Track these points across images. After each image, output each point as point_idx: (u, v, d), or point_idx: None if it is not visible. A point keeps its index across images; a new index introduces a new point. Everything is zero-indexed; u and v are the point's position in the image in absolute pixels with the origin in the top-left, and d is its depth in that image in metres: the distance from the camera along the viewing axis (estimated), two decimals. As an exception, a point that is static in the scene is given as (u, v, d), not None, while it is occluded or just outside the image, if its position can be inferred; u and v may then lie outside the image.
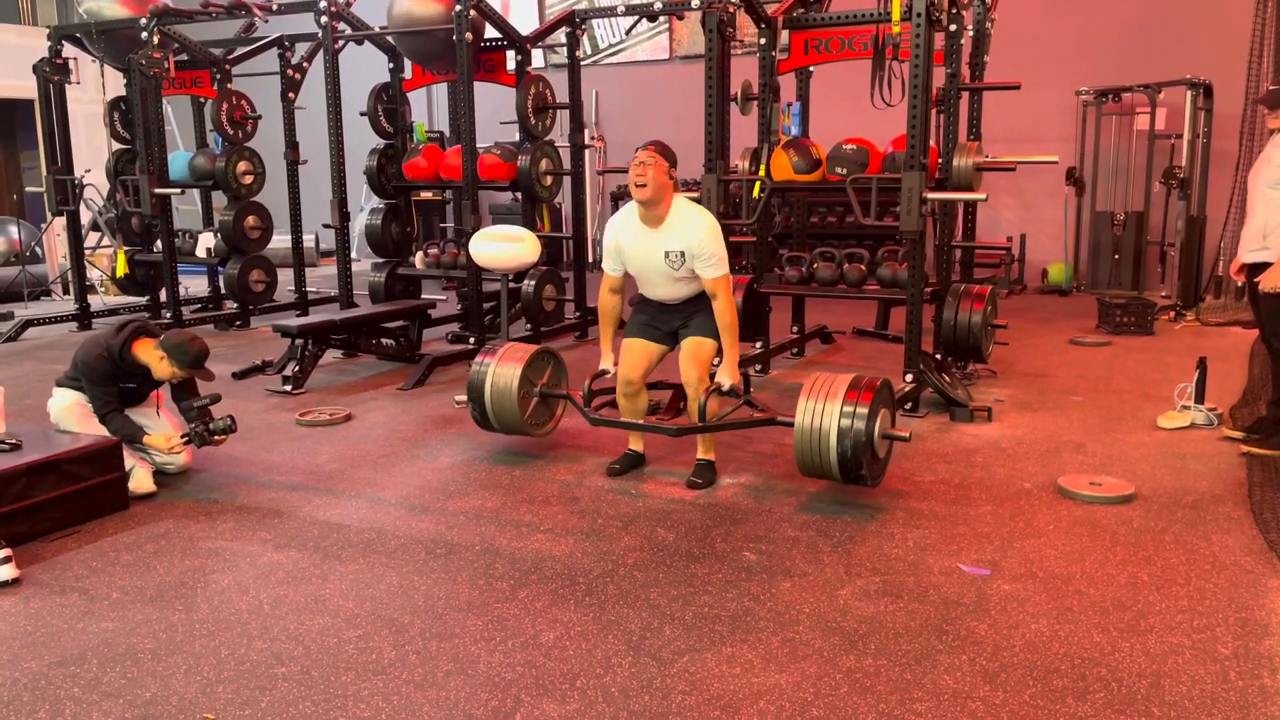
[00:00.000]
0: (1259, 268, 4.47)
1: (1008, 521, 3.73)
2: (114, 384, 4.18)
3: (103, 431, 4.09)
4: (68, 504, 3.73)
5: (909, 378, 5.27)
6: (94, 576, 3.32)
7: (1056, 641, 2.80)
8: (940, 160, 5.62)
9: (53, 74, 8.10)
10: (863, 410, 3.71)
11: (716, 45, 5.36)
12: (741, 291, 6.11)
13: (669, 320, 4.26)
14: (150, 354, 4.16)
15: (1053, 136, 9.94)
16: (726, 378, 4.08)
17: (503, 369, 4.50)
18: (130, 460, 4.05)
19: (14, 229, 10.56)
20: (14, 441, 3.79)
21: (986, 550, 3.47)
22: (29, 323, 8.12)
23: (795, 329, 6.87)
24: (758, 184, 5.67)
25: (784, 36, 5.86)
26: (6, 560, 3.26)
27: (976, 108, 6.27)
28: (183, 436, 4.18)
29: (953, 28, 5.48)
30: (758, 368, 6.29)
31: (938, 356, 5.71)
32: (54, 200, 8.24)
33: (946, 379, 5.46)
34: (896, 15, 4.89)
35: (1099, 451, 4.61)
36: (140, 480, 4.07)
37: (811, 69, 6.42)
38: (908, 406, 5.17)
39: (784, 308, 6.82)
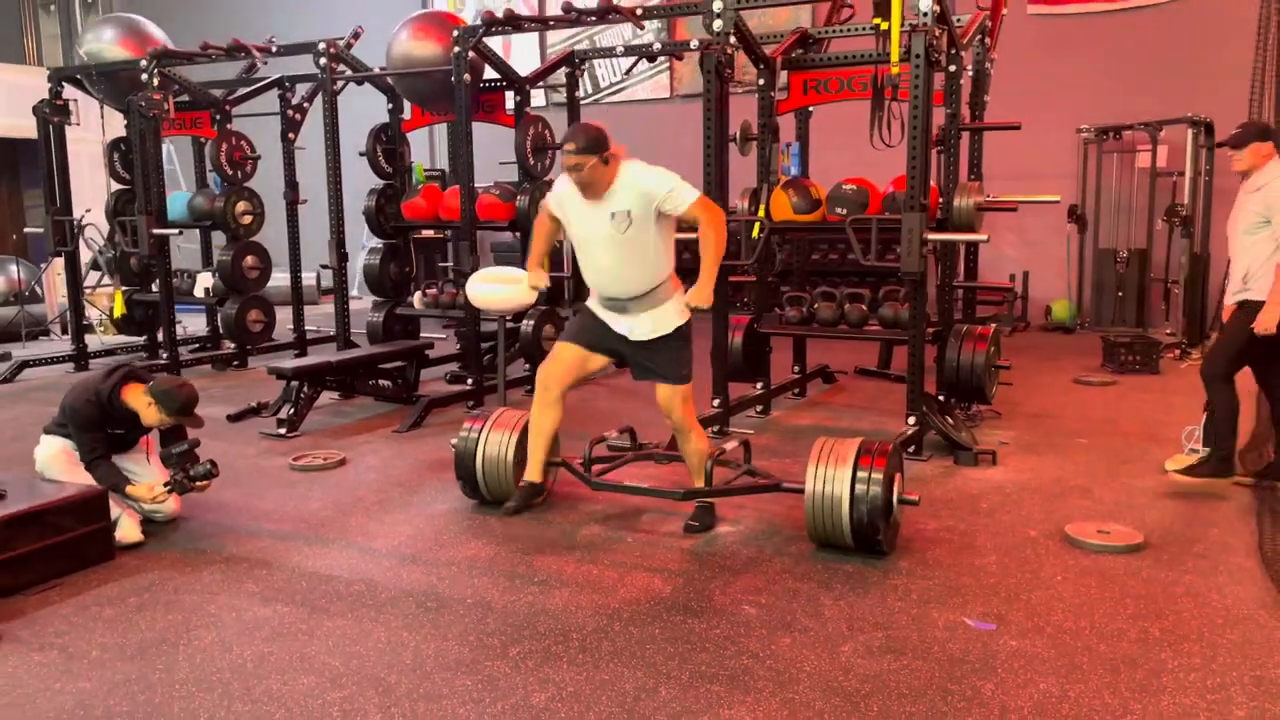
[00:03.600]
0: (1247, 306, 4.43)
1: (1014, 572, 3.64)
2: (101, 430, 4.11)
3: (89, 479, 4.02)
4: (52, 555, 3.65)
5: (912, 420, 5.18)
6: (74, 633, 3.23)
7: (1066, 703, 2.70)
8: (941, 200, 5.58)
9: (53, 115, 8.12)
10: (877, 476, 3.64)
11: (715, 86, 5.34)
12: (741, 332, 6.06)
13: (619, 322, 3.98)
14: (139, 400, 4.10)
15: (1054, 174, 9.92)
16: (696, 299, 3.82)
17: (495, 437, 4.38)
18: (117, 509, 3.97)
19: (14, 268, 10.54)
20: (-2, 491, 3.71)
21: (993, 603, 3.37)
22: (25, 364, 8.06)
23: (796, 369, 6.80)
24: (757, 224, 5.63)
25: (783, 77, 5.85)
26: (-16, 616, 3.17)
27: (977, 147, 6.24)
28: (165, 485, 4.10)
29: (952, 68, 5.46)
30: (759, 409, 6.21)
31: (941, 398, 5.63)
32: (53, 241, 8.22)
33: (950, 421, 5.38)
34: (895, 57, 4.86)
35: (1106, 497, 4.51)
36: (127, 530, 3.99)
37: (811, 109, 6.40)
38: (911, 450, 5.08)
39: (785, 347, 6.75)
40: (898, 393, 6.68)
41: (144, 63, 7.35)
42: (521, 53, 12.44)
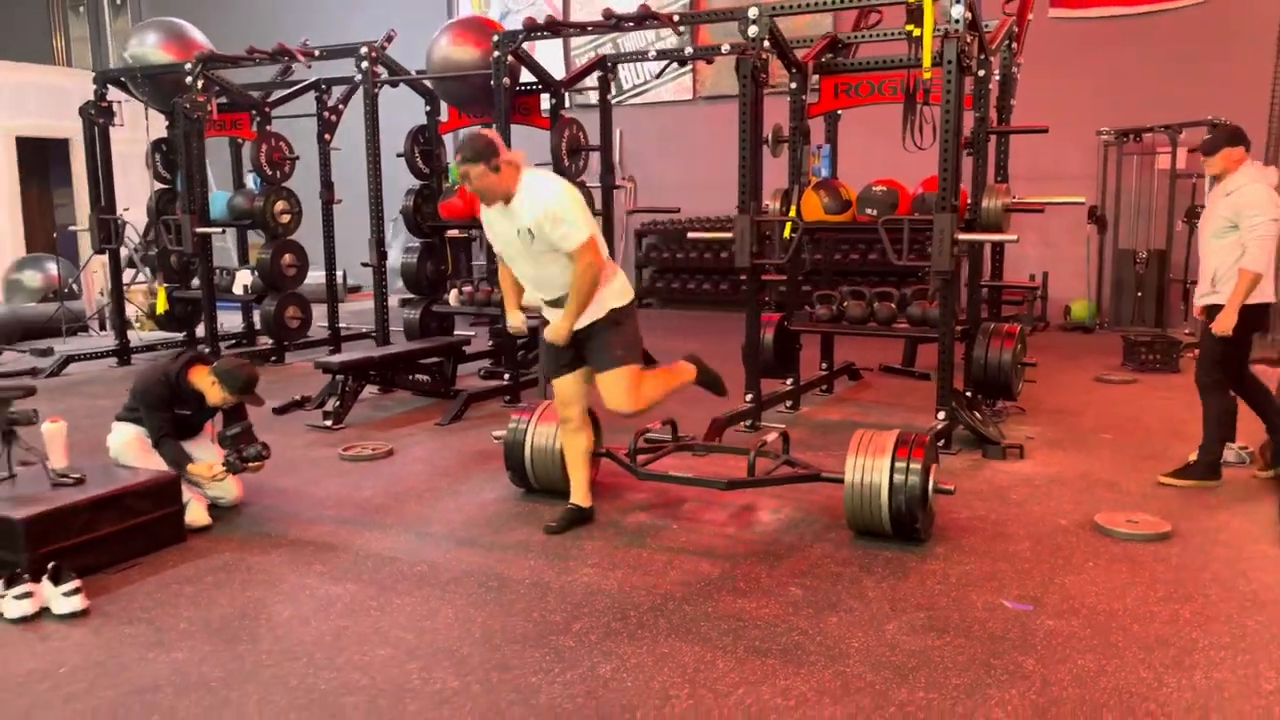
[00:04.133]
0: (1214, 310, 4.55)
1: (1047, 558, 3.80)
2: (169, 410, 4.32)
3: (161, 465, 4.21)
4: (130, 537, 3.84)
5: (941, 415, 5.34)
6: (159, 608, 3.42)
7: (1104, 676, 2.86)
8: (969, 201, 5.73)
9: (97, 116, 8.33)
10: (915, 466, 3.81)
11: (750, 90, 5.50)
12: (773, 329, 6.23)
13: (557, 316, 4.02)
14: (204, 380, 4.31)
15: (1074, 175, 10.05)
16: (550, 334, 3.94)
17: (543, 429, 4.55)
18: (186, 494, 4.17)
19: (52, 266, 10.78)
20: (78, 476, 3.91)
21: (1028, 586, 3.53)
22: (70, 358, 8.28)
23: (824, 366, 6.96)
24: (789, 225, 5.79)
25: (813, 80, 6.01)
26: (76, 591, 3.36)
27: (1004, 150, 6.39)
28: (222, 464, 4.30)
29: (981, 73, 5.61)
30: (789, 404, 6.38)
31: (968, 394, 5.78)
32: (97, 239, 8.44)
33: (977, 416, 5.54)
34: (928, 62, 5.02)
35: (1132, 489, 4.66)
36: (196, 514, 4.18)
37: (840, 112, 6.56)
38: (940, 443, 5.24)
39: (811, 344, 6.91)
40: (922, 390, 6.86)
41: (189, 65, 7.55)
42: (543, 56, 12.62)
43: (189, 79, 7.57)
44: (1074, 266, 10.38)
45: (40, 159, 13.52)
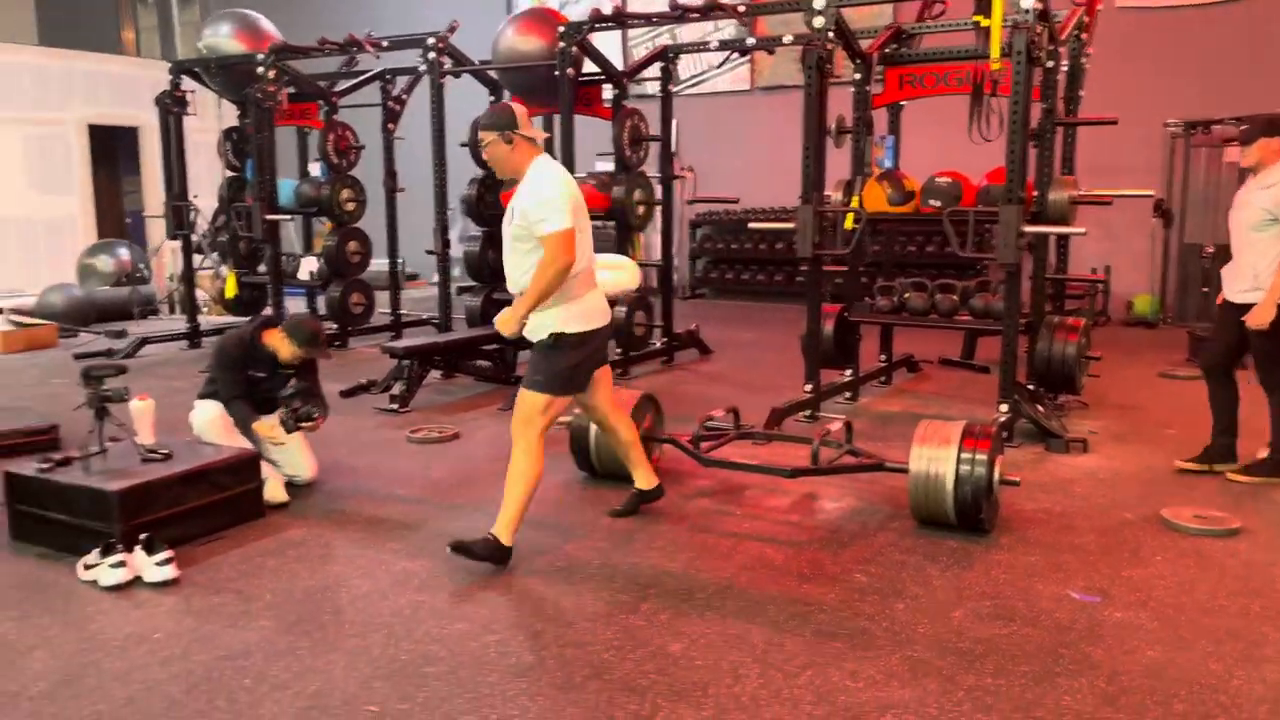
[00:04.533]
0: (1248, 307, 4.46)
1: (1113, 551, 3.79)
2: (242, 371, 4.49)
3: (242, 442, 4.37)
4: (214, 511, 4.00)
5: (1004, 408, 5.33)
6: (244, 579, 3.57)
7: (1173, 668, 2.87)
8: (1036, 194, 5.70)
9: (172, 105, 8.57)
10: (981, 456, 3.83)
11: (816, 81, 5.52)
12: (833, 320, 6.25)
13: None
14: (275, 338, 4.51)
15: (1140, 168, 9.88)
16: (499, 322, 3.69)
17: None
18: (265, 471, 4.32)
19: (124, 251, 11.11)
20: (165, 452, 4.08)
21: (1094, 578, 3.53)
22: (144, 340, 8.55)
23: (883, 357, 6.96)
24: (850, 215, 5.81)
25: (878, 71, 6.01)
26: (168, 561, 3.52)
27: (1070, 142, 6.33)
28: (281, 423, 4.44)
29: (1050, 64, 5.57)
30: (848, 395, 6.40)
31: (1030, 387, 5.76)
32: (171, 225, 8.69)
33: (1040, 409, 5.51)
34: (996, 53, 5.00)
35: (1199, 484, 4.62)
36: (273, 491, 4.33)
37: (903, 103, 6.55)
38: (1003, 436, 5.23)
39: (869, 335, 6.91)
40: (981, 382, 6.82)
41: (262, 56, 7.74)
42: (600, 48, 12.69)
43: (261, 69, 7.76)
44: (1136, 260, 10.22)
45: (110, 147, 13.91)
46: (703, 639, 3.07)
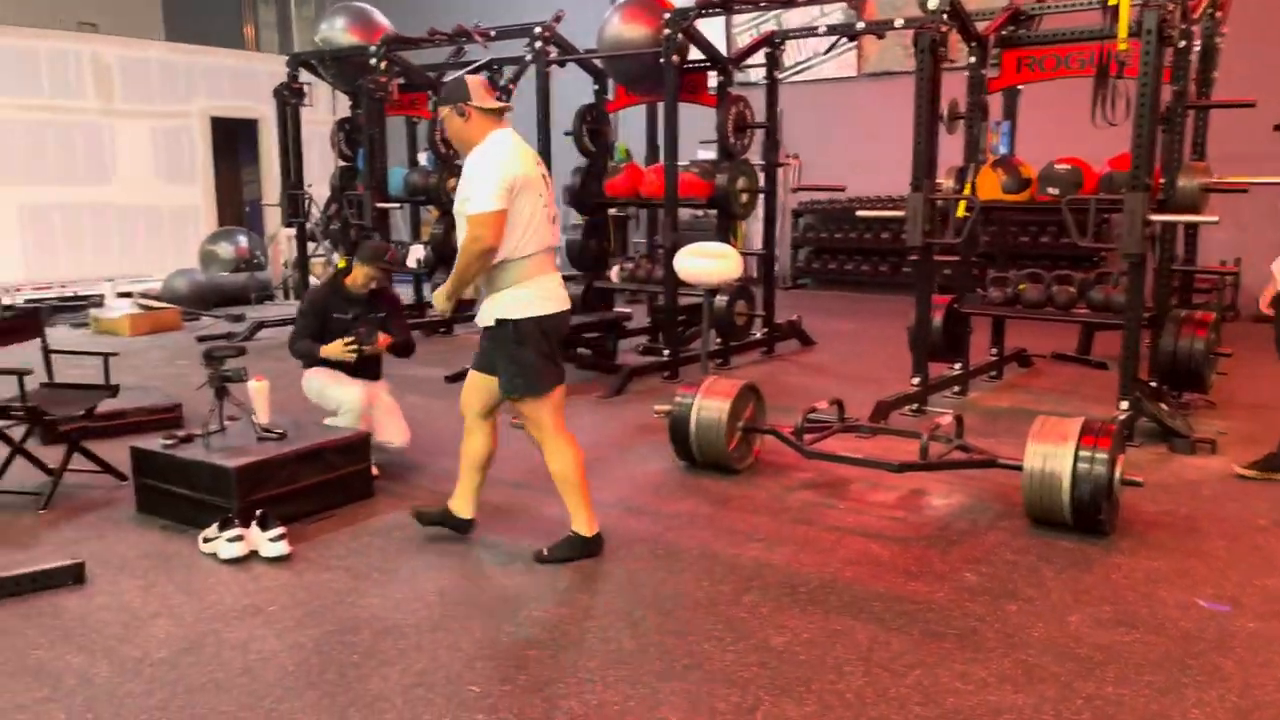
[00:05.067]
0: None
1: (1245, 558, 3.58)
2: (320, 319, 4.65)
3: (351, 386, 4.56)
4: (326, 490, 4.12)
5: (1124, 405, 5.09)
6: (354, 557, 3.66)
7: (1314, 685, 2.69)
8: (1163, 180, 5.41)
9: (290, 97, 8.84)
10: (1101, 455, 3.66)
11: (928, 65, 5.35)
12: (942, 311, 6.07)
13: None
14: (351, 270, 4.70)
15: (1268, 155, 9.30)
16: (435, 298, 3.63)
17: (708, 404, 4.58)
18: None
19: (243, 238, 11.55)
20: (280, 431, 4.21)
21: (1224, 586, 3.34)
22: (261, 324, 8.87)
23: (994, 351, 6.73)
24: (962, 203, 5.62)
25: (994, 53, 5.79)
26: (281, 537, 3.63)
27: (1202, 126, 6.00)
28: (347, 345, 4.52)
29: (1182, 44, 5.27)
30: (956, 389, 6.21)
31: (1152, 384, 5.49)
32: (286, 213, 8.99)
33: (1163, 408, 5.25)
34: (1124, 33, 4.76)
35: (1341, 491, 4.34)
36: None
37: (1020, 87, 6.30)
38: (1124, 435, 4.99)
39: (979, 328, 6.69)
40: (1098, 379, 6.54)
41: (373, 48, 7.92)
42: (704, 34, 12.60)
43: (373, 60, 7.93)
44: (1269, 253, 9.61)
45: (230, 138, 14.47)
46: (805, 633, 3.01)
